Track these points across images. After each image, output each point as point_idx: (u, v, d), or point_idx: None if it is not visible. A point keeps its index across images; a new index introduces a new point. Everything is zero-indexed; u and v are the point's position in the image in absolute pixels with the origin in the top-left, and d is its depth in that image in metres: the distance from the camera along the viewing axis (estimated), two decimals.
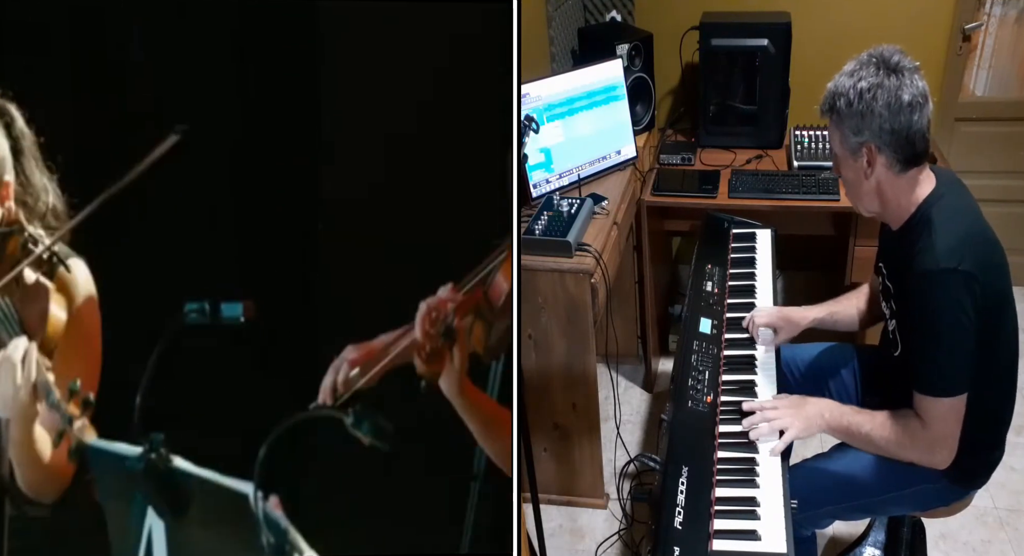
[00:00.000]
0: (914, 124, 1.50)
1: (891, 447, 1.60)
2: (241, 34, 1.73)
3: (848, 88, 1.51)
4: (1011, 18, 3.14)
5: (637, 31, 2.95)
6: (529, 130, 2.28)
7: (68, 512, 1.24)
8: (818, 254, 3.21)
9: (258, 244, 1.78)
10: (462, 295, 1.19)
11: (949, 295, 1.47)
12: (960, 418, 1.54)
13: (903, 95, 1.48)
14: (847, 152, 1.57)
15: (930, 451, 1.57)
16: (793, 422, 1.63)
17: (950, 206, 1.57)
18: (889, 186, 1.58)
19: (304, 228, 1.79)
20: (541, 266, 2.19)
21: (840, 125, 1.55)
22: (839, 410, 1.67)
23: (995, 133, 3.23)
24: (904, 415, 1.59)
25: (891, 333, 1.70)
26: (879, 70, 1.49)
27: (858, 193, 1.64)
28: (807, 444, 2.63)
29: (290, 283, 1.77)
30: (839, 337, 2.22)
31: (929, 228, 1.53)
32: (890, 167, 1.54)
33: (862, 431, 1.63)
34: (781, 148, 2.93)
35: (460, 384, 1.19)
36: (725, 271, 2.18)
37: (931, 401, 1.53)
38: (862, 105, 1.49)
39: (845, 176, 1.64)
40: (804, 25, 2.87)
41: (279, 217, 1.78)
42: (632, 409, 3.03)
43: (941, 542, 2.37)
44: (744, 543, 1.41)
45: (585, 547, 2.47)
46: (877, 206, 1.63)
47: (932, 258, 1.49)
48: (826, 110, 1.57)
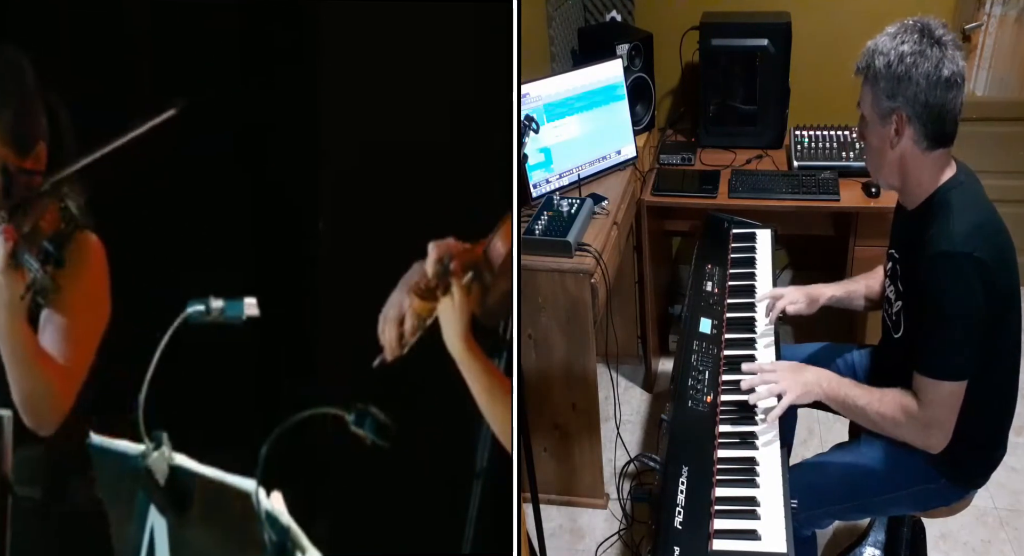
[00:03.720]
0: (948, 102, 1.47)
1: (885, 424, 1.59)
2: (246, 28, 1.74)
3: (890, 49, 1.47)
4: (1011, 18, 3.14)
5: (637, 31, 2.95)
6: (529, 130, 2.28)
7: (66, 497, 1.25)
8: (818, 254, 3.21)
9: (261, 241, 1.78)
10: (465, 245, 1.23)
11: (963, 278, 1.46)
12: (958, 404, 1.53)
13: (944, 69, 1.45)
14: (876, 116, 1.54)
15: (925, 433, 1.55)
16: (792, 386, 1.62)
17: (970, 194, 1.55)
18: (913, 161, 1.55)
19: (306, 226, 1.79)
20: (541, 266, 2.19)
21: (874, 85, 1.51)
22: (838, 381, 1.66)
23: (995, 133, 3.23)
24: (902, 393, 1.57)
25: (894, 315, 1.69)
26: (923, 38, 1.46)
27: (880, 162, 1.60)
28: (807, 444, 2.64)
29: (291, 281, 1.77)
30: (840, 336, 2.23)
31: (947, 211, 1.51)
32: (917, 142, 1.52)
33: (858, 404, 1.61)
34: (781, 148, 2.93)
35: (463, 333, 1.20)
36: (725, 271, 2.18)
37: (932, 383, 1.51)
38: (901, 68, 1.46)
39: (869, 142, 1.60)
40: (804, 25, 2.87)
41: (282, 214, 1.78)
42: (632, 409, 3.03)
43: (941, 542, 2.37)
44: (744, 543, 1.41)
45: (585, 547, 2.47)
46: (897, 180, 1.61)
47: (949, 240, 1.47)
48: (862, 67, 1.53)
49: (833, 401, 1.67)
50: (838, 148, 2.77)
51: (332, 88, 1.78)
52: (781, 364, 1.73)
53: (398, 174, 1.76)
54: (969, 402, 1.53)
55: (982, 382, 1.55)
